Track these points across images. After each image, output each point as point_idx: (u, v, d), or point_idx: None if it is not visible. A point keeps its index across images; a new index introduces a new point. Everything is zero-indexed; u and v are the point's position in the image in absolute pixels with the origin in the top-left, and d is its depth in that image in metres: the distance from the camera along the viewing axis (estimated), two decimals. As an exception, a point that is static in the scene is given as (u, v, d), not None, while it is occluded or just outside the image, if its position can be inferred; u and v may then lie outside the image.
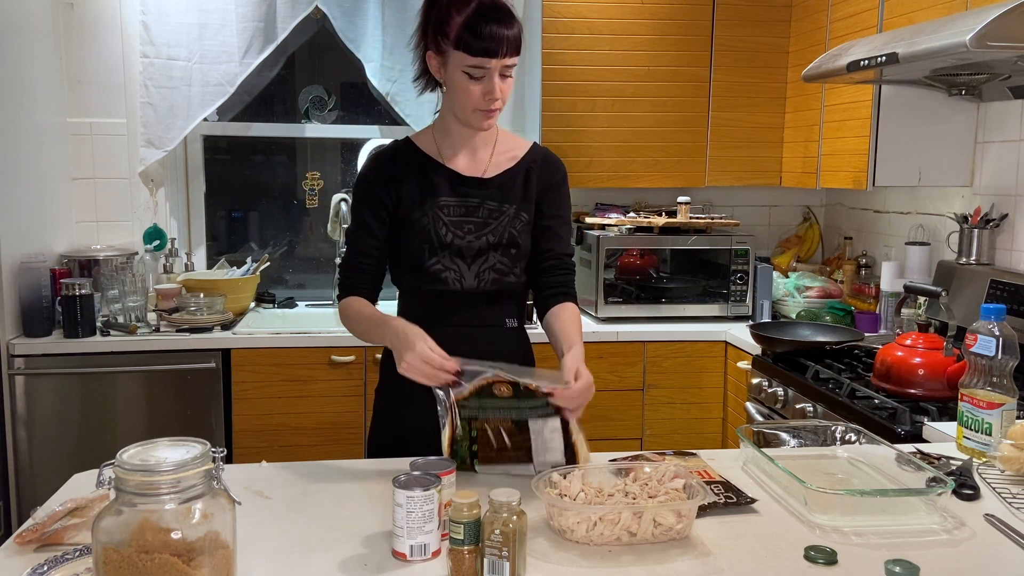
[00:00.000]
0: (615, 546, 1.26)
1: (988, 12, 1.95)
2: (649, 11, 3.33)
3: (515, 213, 1.78)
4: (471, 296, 1.76)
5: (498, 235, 1.75)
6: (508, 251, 1.76)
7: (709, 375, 3.20)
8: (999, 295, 2.50)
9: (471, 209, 1.76)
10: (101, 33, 3.33)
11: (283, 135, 3.67)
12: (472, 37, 1.61)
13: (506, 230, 1.76)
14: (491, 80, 1.64)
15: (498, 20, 1.61)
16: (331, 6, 3.35)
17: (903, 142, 2.78)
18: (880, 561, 1.19)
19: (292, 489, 1.50)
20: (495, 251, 1.75)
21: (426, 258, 1.74)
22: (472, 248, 1.74)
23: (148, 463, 1.00)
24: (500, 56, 1.62)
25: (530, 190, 1.80)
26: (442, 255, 1.74)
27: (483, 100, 1.66)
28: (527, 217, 1.79)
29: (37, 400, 2.85)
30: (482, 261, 1.75)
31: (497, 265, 1.76)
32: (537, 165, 1.82)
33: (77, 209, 3.37)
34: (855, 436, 1.71)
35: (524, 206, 1.79)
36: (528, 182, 1.80)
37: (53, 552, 1.22)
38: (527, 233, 1.79)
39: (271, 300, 3.49)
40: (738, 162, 3.45)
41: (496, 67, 1.64)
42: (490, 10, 1.62)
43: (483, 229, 1.75)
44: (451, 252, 1.74)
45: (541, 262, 1.81)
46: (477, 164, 1.79)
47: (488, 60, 1.62)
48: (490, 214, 1.76)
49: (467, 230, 1.75)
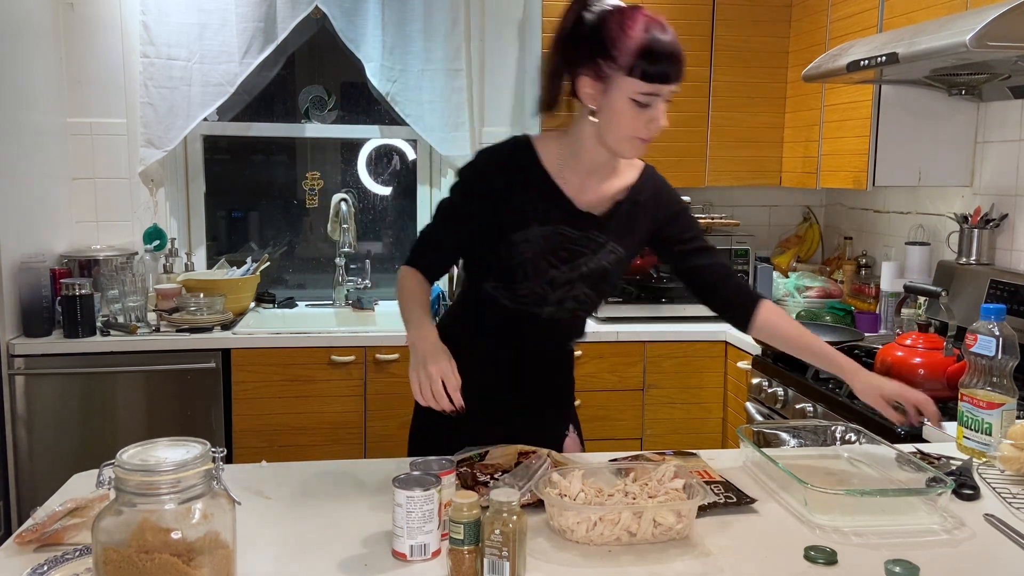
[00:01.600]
0: (615, 546, 1.26)
1: (988, 12, 1.95)
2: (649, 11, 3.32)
3: (612, 247, 1.71)
4: (547, 321, 1.72)
5: (591, 267, 1.70)
6: (596, 284, 1.72)
7: (709, 375, 3.20)
8: (999, 295, 2.50)
9: (572, 239, 1.69)
10: (101, 33, 3.33)
11: (283, 135, 3.67)
12: (648, 64, 1.52)
13: (600, 264, 1.70)
14: (658, 107, 1.57)
15: (673, 45, 1.54)
16: (331, 6, 3.35)
17: (903, 142, 2.78)
18: (880, 561, 1.19)
19: (292, 489, 1.50)
20: (584, 282, 1.70)
21: (513, 279, 1.68)
22: (563, 278, 1.69)
23: (148, 463, 1.00)
24: (673, 82, 1.55)
25: (635, 226, 1.74)
26: (532, 281, 1.68)
27: (645, 128, 1.58)
28: (623, 252, 1.73)
29: (37, 400, 2.85)
30: (567, 289, 1.70)
31: (581, 296, 1.71)
32: (645, 197, 1.75)
33: (77, 209, 3.37)
34: (855, 436, 1.71)
35: (622, 240, 1.72)
36: (633, 217, 1.73)
37: (53, 552, 1.22)
38: (619, 267, 1.74)
39: (271, 300, 3.49)
40: (738, 162, 3.45)
41: (665, 94, 1.56)
42: (663, 35, 1.54)
43: (577, 259, 1.69)
44: (542, 280, 1.68)
45: (706, 280, 1.78)
46: (596, 197, 1.71)
47: (661, 87, 1.54)
48: (587, 245, 1.69)
49: (561, 258, 1.68)
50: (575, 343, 1.86)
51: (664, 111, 1.57)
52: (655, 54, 1.52)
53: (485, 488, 1.39)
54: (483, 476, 1.45)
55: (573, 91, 1.63)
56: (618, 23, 1.55)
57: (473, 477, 1.45)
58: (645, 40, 1.53)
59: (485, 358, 1.74)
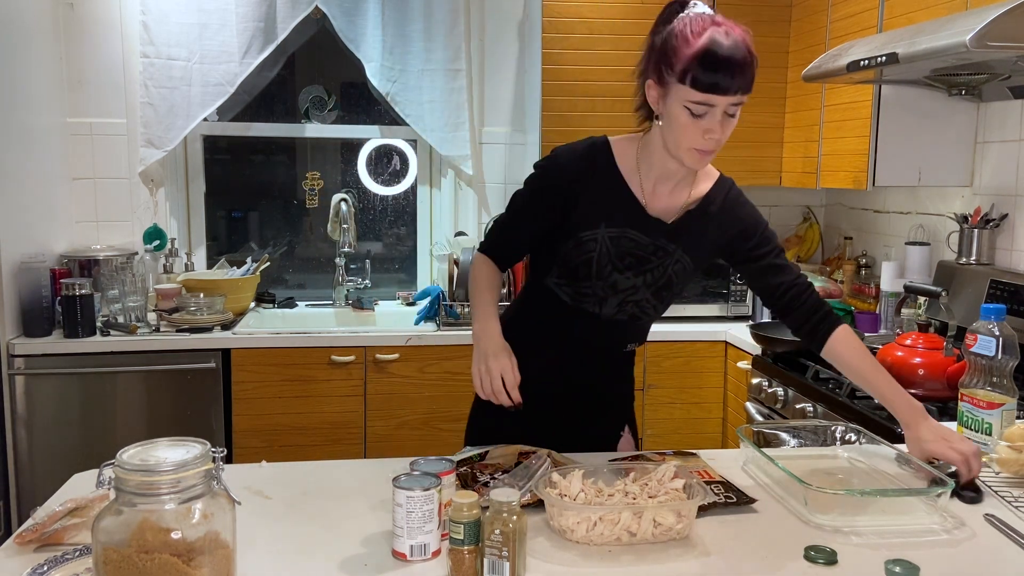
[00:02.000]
0: (615, 546, 1.26)
1: (988, 12, 1.95)
2: (649, 11, 3.30)
3: (680, 256, 1.70)
4: (607, 322, 1.72)
5: (656, 276, 1.69)
6: (660, 292, 1.71)
7: (709, 375, 3.20)
8: (999, 295, 2.50)
9: (640, 244, 1.68)
10: (101, 33, 3.33)
11: (283, 135, 3.67)
12: (701, 72, 1.48)
13: (666, 272, 1.69)
14: (714, 118, 1.52)
15: (732, 56, 1.48)
16: (331, 6, 3.35)
17: (903, 142, 2.78)
18: (880, 561, 1.19)
19: (292, 489, 1.49)
20: (648, 289, 1.70)
21: (577, 278, 1.69)
22: (627, 283, 1.69)
23: (148, 463, 1.00)
24: (730, 94, 1.50)
25: (706, 237, 1.71)
26: (595, 282, 1.68)
27: (701, 139, 1.54)
28: (690, 262, 1.71)
29: (37, 400, 2.85)
30: (630, 294, 1.69)
31: (643, 302, 1.71)
32: (716, 207, 1.71)
33: (77, 209, 3.37)
34: (855, 436, 1.71)
35: (692, 251, 1.71)
36: (703, 228, 1.71)
37: (53, 552, 1.22)
38: (684, 277, 1.73)
39: (271, 300, 3.49)
40: (738, 162, 3.44)
41: (722, 105, 1.51)
42: (724, 44, 1.49)
43: (644, 266, 1.68)
44: (605, 283, 1.68)
45: (779, 299, 1.72)
46: (670, 203, 1.69)
47: (715, 98, 1.50)
48: (655, 252, 1.68)
49: (628, 263, 1.68)
50: (635, 345, 1.83)
51: (722, 122, 1.53)
52: (707, 63, 1.48)
53: (485, 488, 1.39)
54: (483, 476, 1.45)
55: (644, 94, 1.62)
56: (684, 29, 1.52)
57: (473, 477, 1.45)
58: (701, 48, 1.48)
59: (543, 354, 1.75)
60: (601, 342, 1.76)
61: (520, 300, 1.86)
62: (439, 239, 3.65)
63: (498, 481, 1.43)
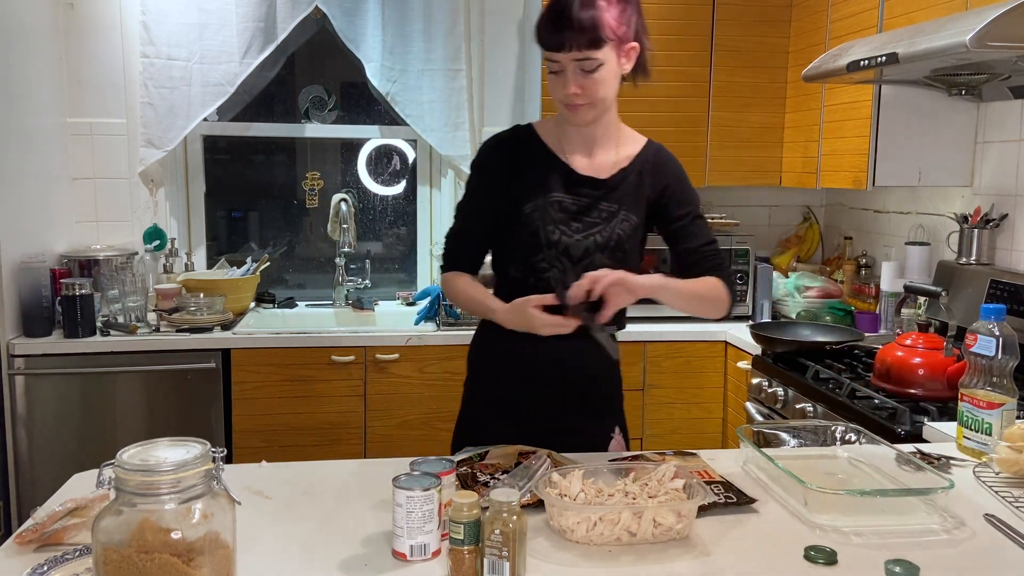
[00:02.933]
0: (615, 546, 1.26)
1: (988, 12, 1.95)
2: (649, 11, 3.28)
3: (624, 215, 1.74)
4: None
5: (605, 236, 1.72)
6: (615, 254, 1.73)
7: (709, 375, 3.20)
8: (999, 295, 2.50)
9: (583, 208, 1.73)
10: (101, 33, 3.33)
11: (283, 135, 3.67)
12: (541, 31, 1.61)
13: (614, 231, 1.73)
14: (566, 74, 1.61)
15: (564, 12, 1.57)
16: (331, 6, 3.35)
17: (903, 142, 2.78)
18: (880, 561, 1.19)
19: (292, 489, 1.49)
20: (601, 252, 1.72)
21: (532, 253, 1.73)
22: (579, 247, 1.72)
23: (148, 463, 1.00)
24: (566, 50, 1.58)
25: (641, 193, 1.76)
26: (548, 252, 1.72)
27: (563, 94, 1.64)
28: (636, 220, 1.75)
29: (37, 400, 2.85)
30: (588, 262, 1.71)
31: (603, 267, 1.69)
32: (648, 165, 1.77)
33: (77, 209, 3.37)
34: (855, 436, 1.71)
35: (634, 208, 1.75)
36: (640, 184, 1.76)
37: (53, 552, 1.22)
38: (635, 237, 1.76)
39: (271, 300, 3.49)
40: (738, 162, 3.45)
41: (567, 62, 1.60)
42: (564, 2, 1.58)
43: (591, 229, 1.72)
44: (557, 250, 1.72)
45: (684, 263, 1.77)
46: (595, 163, 1.76)
47: (556, 55, 1.59)
48: (600, 214, 1.73)
49: (575, 228, 1.72)
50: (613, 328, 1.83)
51: (580, 78, 1.61)
52: (545, 21, 1.59)
53: (485, 488, 1.39)
54: (483, 476, 1.45)
55: None
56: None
57: (473, 477, 1.45)
58: (544, 7, 1.60)
59: (522, 354, 1.76)
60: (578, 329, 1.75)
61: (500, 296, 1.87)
62: (439, 239, 3.65)
63: (498, 481, 1.43)
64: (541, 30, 1.61)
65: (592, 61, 1.59)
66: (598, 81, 1.62)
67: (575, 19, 1.56)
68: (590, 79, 1.61)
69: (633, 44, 1.67)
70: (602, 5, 1.58)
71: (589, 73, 1.61)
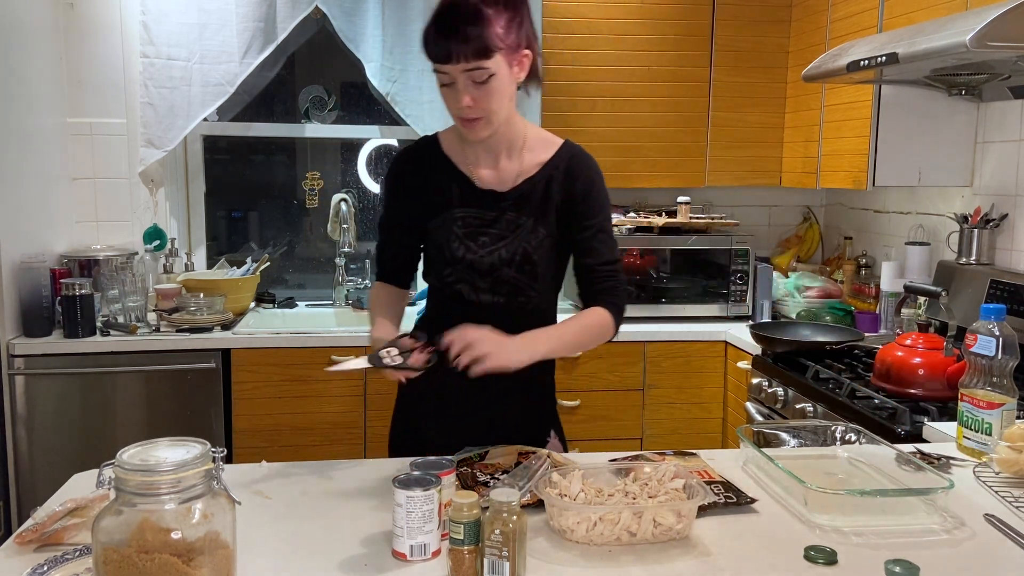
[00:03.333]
0: (615, 546, 1.26)
1: (988, 12, 1.95)
2: (649, 11, 3.33)
3: (532, 227, 1.68)
4: (490, 308, 1.71)
5: (512, 250, 1.67)
6: (523, 268, 1.68)
7: (709, 375, 3.20)
8: (999, 295, 2.50)
9: (488, 222, 1.69)
10: (101, 33, 3.33)
11: (283, 135, 3.67)
12: (428, 44, 1.54)
13: (520, 246, 1.67)
14: (457, 87, 1.55)
15: (455, 23, 1.50)
16: (331, 6, 3.35)
17: (903, 142, 2.78)
18: (880, 561, 1.19)
19: (292, 489, 1.50)
20: (508, 267, 1.68)
21: (441, 268, 1.72)
22: (484, 263, 1.68)
23: (148, 463, 1.00)
24: (454, 61, 1.51)
25: (549, 202, 1.69)
26: (456, 267, 1.70)
27: (458, 108, 1.58)
28: (544, 231, 1.69)
29: (37, 400, 2.85)
30: (496, 276, 1.69)
31: (512, 281, 1.69)
32: (559, 172, 1.70)
33: (77, 209, 3.37)
34: (855, 436, 1.71)
35: (542, 219, 1.68)
36: (548, 192, 1.69)
37: (53, 552, 1.22)
38: (545, 248, 1.69)
39: (271, 300, 3.49)
40: (738, 162, 3.45)
41: (457, 74, 1.53)
42: (449, 13, 1.52)
43: (498, 243, 1.68)
44: (463, 266, 1.69)
45: (580, 276, 1.73)
46: (500, 174, 1.71)
47: (444, 67, 1.53)
48: (507, 227, 1.68)
49: (481, 243, 1.68)
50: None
51: (473, 90, 1.55)
52: (430, 33, 1.53)
53: (485, 488, 1.39)
54: (483, 476, 1.45)
55: None
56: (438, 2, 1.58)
57: (473, 477, 1.45)
58: (429, 20, 1.54)
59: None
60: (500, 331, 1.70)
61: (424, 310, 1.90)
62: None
63: (498, 481, 1.43)
64: (428, 42, 1.53)
65: (482, 71, 1.53)
66: (491, 92, 1.55)
67: (461, 29, 1.50)
68: (482, 90, 1.55)
69: (526, 52, 1.60)
70: (489, 13, 1.51)
71: (481, 84, 1.54)
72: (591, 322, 1.68)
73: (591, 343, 1.71)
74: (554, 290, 1.78)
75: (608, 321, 1.69)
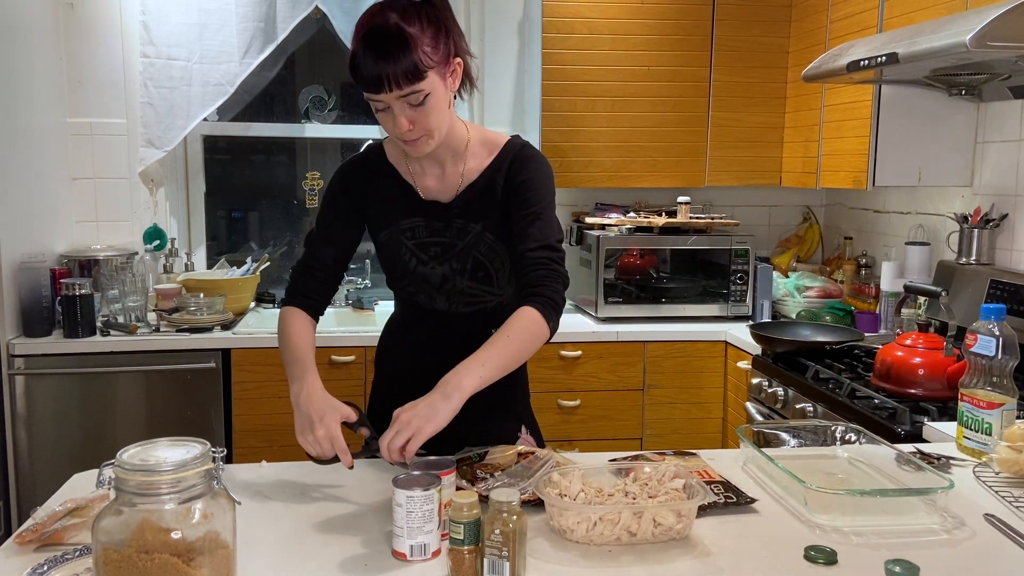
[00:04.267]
0: (615, 546, 1.26)
1: (988, 12, 1.95)
2: (649, 11, 3.33)
3: (480, 232, 1.64)
4: (450, 314, 1.71)
5: (463, 260, 1.65)
6: (476, 275, 1.66)
7: (709, 375, 3.20)
8: (999, 295, 2.50)
9: (435, 231, 1.66)
10: (101, 33, 3.33)
11: (283, 135, 3.67)
12: (356, 70, 1.47)
13: (470, 254, 1.65)
14: (393, 112, 1.50)
15: (381, 51, 1.44)
16: (331, 6, 3.35)
17: (903, 142, 2.78)
18: (880, 561, 1.19)
19: (292, 489, 1.50)
20: (461, 277, 1.66)
21: (398, 279, 1.71)
22: (436, 275, 1.66)
23: (148, 463, 1.00)
24: (387, 90, 1.46)
25: (494, 202, 1.65)
26: (410, 279, 1.69)
27: (397, 131, 1.52)
28: (492, 237, 1.65)
29: (37, 400, 2.85)
30: (450, 287, 1.67)
31: (467, 290, 1.67)
32: (500, 172, 1.65)
33: (77, 209, 3.37)
34: (855, 436, 1.71)
35: (490, 223, 1.65)
36: (491, 193, 1.65)
37: (53, 552, 1.22)
38: (496, 253, 1.65)
39: (271, 300, 3.49)
40: (738, 162, 3.45)
41: (392, 100, 1.48)
42: (374, 39, 1.45)
43: (448, 252, 1.65)
44: (416, 278, 1.68)
45: (514, 265, 1.64)
46: (445, 183, 1.67)
47: (375, 95, 1.48)
48: (456, 235, 1.65)
49: (432, 254, 1.66)
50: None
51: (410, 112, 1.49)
52: (356, 64, 1.46)
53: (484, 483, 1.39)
54: (483, 475, 1.45)
55: None
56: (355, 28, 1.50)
57: (473, 477, 1.45)
58: (352, 50, 1.48)
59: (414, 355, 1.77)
60: (458, 335, 1.68)
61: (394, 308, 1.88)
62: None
63: (498, 481, 1.43)
64: (357, 71, 1.47)
65: (418, 94, 1.47)
66: (429, 112, 1.50)
67: (389, 55, 1.44)
68: (420, 112, 1.50)
69: (457, 60, 1.55)
70: (414, 33, 1.45)
71: (417, 106, 1.49)
72: (519, 330, 1.52)
73: (527, 352, 1.56)
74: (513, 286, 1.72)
75: (538, 321, 1.53)
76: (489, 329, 1.68)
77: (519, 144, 1.69)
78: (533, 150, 1.70)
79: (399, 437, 1.39)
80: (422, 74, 1.46)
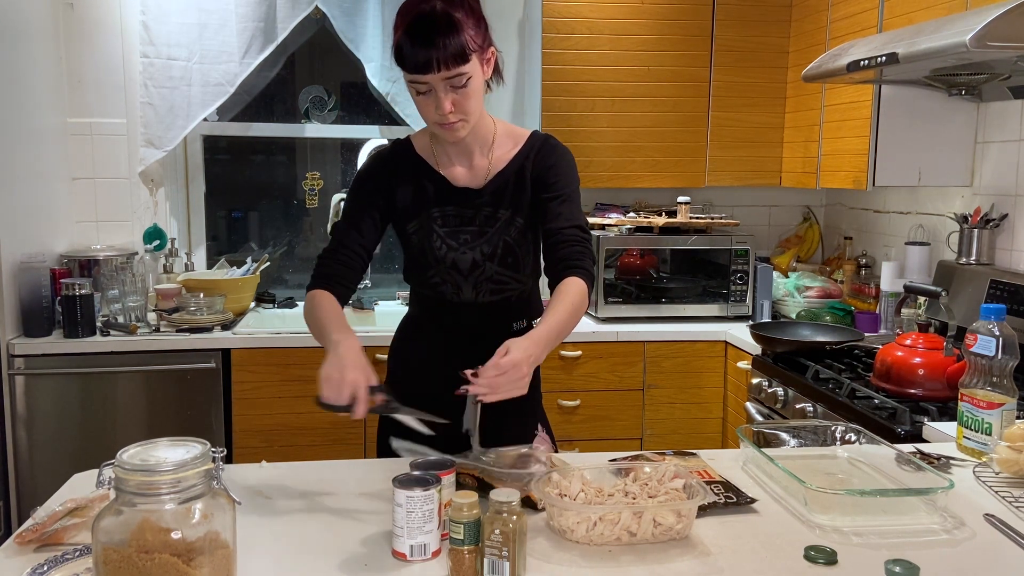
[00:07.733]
0: (615, 546, 1.26)
1: (988, 12, 1.95)
2: (649, 11, 3.33)
3: (509, 219, 1.71)
4: (474, 306, 1.74)
5: (492, 245, 1.71)
6: (505, 261, 1.72)
7: (709, 375, 3.20)
8: (999, 295, 2.50)
9: (466, 219, 1.71)
10: (101, 33, 3.33)
11: (283, 135, 3.67)
12: (403, 54, 1.54)
13: (500, 239, 1.71)
14: (436, 95, 1.57)
15: (430, 33, 1.51)
16: (331, 6, 3.35)
17: (903, 142, 2.78)
18: (880, 561, 1.19)
19: (292, 489, 1.50)
20: (491, 262, 1.71)
21: (422, 270, 1.73)
22: (467, 261, 1.71)
23: (148, 463, 1.00)
24: (434, 71, 1.53)
25: (523, 190, 1.72)
26: (438, 268, 1.72)
27: (436, 115, 1.60)
28: (522, 222, 1.72)
29: (37, 400, 2.85)
30: (479, 273, 1.71)
31: (495, 276, 1.72)
32: (529, 161, 1.73)
33: (77, 209, 3.37)
34: (855, 436, 1.71)
35: (518, 210, 1.72)
36: (521, 181, 1.72)
37: (53, 552, 1.22)
38: (525, 239, 1.73)
39: (271, 300, 3.49)
40: (738, 162, 3.45)
41: (437, 82, 1.55)
42: (422, 23, 1.52)
43: (478, 239, 1.71)
44: (446, 266, 1.71)
45: (547, 243, 1.70)
46: (473, 172, 1.74)
47: (422, 76, 1.54)
48: (485, 222, 1.71)
49: (462, 241, 1.71)
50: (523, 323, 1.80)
51: (453, 97, 1.56)
52: (405, 44, 1.53)
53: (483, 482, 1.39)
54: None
55: None
56: (399, 13, 1.57)
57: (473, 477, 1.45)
58: (403, 30, 1.53)
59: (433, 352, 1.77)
60: (482, 327, 1.74)
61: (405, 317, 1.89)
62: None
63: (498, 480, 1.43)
64: (404, 53, 1.53)
65: (462, 76, 1.55)
66: (469, 95, 1.58)
67: (438, 38, 1.51)
68: (462, 94, 1.57)
69: (491, 50, 1.63)
70: (460, 18, 1.53)
71: (460, 88, 1.56)
72: (573, 298, 1.59)
73: (576, 322, 1.63)
74: (535, 277, 1.81)
75: (584, 291, 1.62)
76: (510, 323, 1.73)
77: (543, 136, 1.78)
78: (557, 141, 1.78)
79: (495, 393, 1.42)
80: (468, 56, 1.55)
